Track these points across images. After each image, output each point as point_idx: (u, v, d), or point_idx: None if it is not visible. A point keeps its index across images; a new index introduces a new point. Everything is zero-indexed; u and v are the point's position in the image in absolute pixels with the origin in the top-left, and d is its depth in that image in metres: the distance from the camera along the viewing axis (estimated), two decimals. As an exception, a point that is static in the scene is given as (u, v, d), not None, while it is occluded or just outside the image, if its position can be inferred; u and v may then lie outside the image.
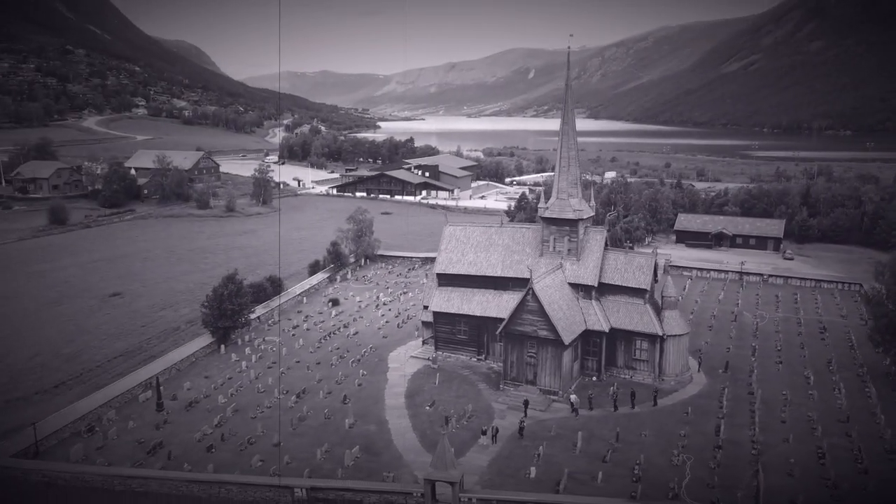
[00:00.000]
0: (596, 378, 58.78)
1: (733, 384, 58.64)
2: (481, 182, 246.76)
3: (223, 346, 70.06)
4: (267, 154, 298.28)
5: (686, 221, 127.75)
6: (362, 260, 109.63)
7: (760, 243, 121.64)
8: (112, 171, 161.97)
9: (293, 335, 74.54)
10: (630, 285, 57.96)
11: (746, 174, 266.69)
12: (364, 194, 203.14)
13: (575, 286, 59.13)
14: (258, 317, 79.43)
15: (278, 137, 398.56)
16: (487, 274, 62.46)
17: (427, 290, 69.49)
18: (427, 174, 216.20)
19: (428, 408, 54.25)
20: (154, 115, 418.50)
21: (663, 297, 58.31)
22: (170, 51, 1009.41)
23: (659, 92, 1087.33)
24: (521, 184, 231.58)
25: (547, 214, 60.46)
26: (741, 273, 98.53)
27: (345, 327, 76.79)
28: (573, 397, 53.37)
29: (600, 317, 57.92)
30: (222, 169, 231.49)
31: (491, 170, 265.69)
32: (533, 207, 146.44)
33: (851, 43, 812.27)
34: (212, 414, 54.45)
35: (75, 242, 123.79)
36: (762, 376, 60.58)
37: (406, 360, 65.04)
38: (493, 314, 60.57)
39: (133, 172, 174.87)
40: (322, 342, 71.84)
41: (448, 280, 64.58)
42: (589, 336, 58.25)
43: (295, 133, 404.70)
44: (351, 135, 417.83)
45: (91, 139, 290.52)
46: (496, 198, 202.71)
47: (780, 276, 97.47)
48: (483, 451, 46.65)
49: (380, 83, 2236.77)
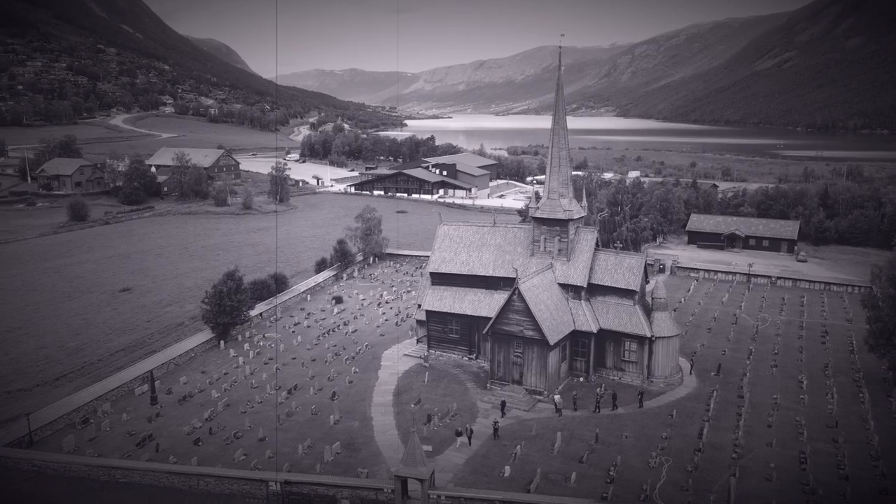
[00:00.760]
0: (583, 379, 58.77)
1: (724, 387, 58.23)
2: (501, 181, 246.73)
3: (223, 342, 71.30)
4: (288, 152, 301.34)
5: (698, 222, 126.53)
6: (370, 258, 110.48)
7: (774, 245, 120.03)
8: (132, 169, 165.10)
9: (293, 332, 75.56)
10: (619, 286, 57.83)
11: (774, 174, 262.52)
12: (382, 192, 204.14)
13: (565, 286, 59.17)
14: (260, 313, 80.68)
15: (302, 135, 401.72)
16: (479, 273, 62.76)
17: (421, 289, 70.02)
18: (444, 173, 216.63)
19: (413, 406, 54.77)
20: (181, 114, 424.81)
21: (653, 299, 58.11)
22: (200, 49, 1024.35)
23: (690, 90, 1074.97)
24: (542, 183, 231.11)
25: (537, 214, 60.57)
26: (749, 275, 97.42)
27: (344, 325, 77.62)
28: (557, 398, 53.48)
29: (589, 317, 57.91)
30: (243, 167, 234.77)
31: (512, 168, 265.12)
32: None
33: (890, 40, 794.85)
34: (203, 408, 55.62)
35: (93, 239, 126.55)
36: (754, 380, 60.06)
37: (399, 359, 65.58)
38: (484, 313, 60.84)
39: (153, 170, 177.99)
40: (320, 339, 72.78)
41: (441, 279, 65.02)
42: (578, 337, 58.27)
43: (319, 131, 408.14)
44: (375, 133, 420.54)
45: (117, 137, 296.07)
46: (515, 197, 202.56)
47: (789, 279, 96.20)
48: (460, 450, 47.01)
49: (408, 81, 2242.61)
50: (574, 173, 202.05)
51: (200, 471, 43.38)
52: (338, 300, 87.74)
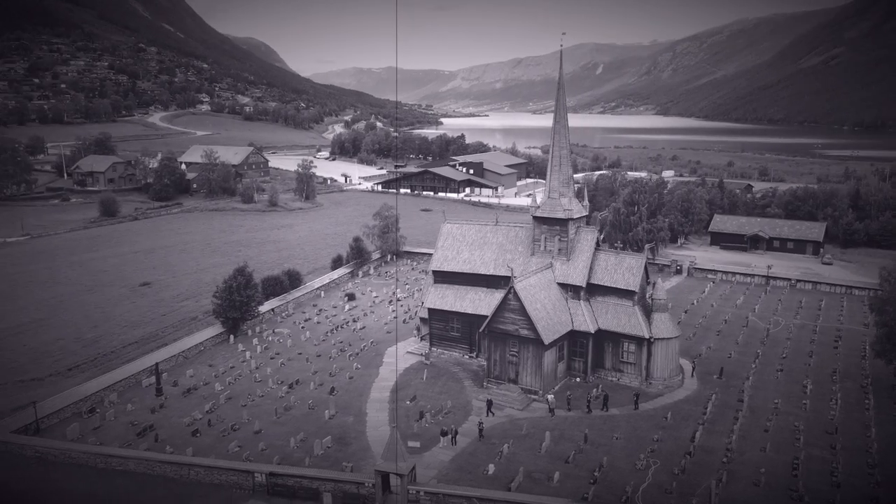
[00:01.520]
0: (580, 379, 58.62)
1: (724, 390, 57.53)
2: (530, 180, 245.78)
3: (232, 337, 72.73)
4: (319, 150, 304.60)
5: (721, 223, 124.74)
6: (388, 256, 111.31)
7: (799, 247, 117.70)
8: (163, 166, 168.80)
9: (302, 328, 76.65)
10: (619, 286, 57.52)
11: (814, 174, 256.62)
12: (408, 191, 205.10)
13: (564, 286, 59.06)
14: (272, 309, 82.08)
15: (335, 133, 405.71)
16: (480, 272, 63.00)
17: (425, 287, 70.47)
18: (471, 171, 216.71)
19: (408, 402, 55.28)
20: (216, 112, 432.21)
21: (653, 300, 57.66)
22: (239, 48, 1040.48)
23: (732, 87, 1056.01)
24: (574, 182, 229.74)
25: (537, 214, 60.59)
26: (767, 277, 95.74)
27: (353, 321, 78.44)
28: (550, 397, 53.48)
29: (587, 317, 57.73)
30: (274, 164, 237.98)
31: (542, 167, 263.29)
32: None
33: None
34: (206, 401, 56.86)
35: (121, 234, 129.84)
36: (757, 384, 59.20)
37: (402, 356, 66.06)
38: (484, 312, 60.98)
39: (183, 167, 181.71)
40: (328, 335, 73.71)
41: (443, 277, 65.43)
42: (576, 337, 58.16)
43: (352, 128, 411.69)
44: (408, 131, 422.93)
45: (153, 134, 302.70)
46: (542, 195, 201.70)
47: (809, 282, 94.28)
48: (448, 448, 47.36)
49: (445, 79, 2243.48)
50: (599, 173, 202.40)
51: (191, 461, 44.52)
52: (350, 297, 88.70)
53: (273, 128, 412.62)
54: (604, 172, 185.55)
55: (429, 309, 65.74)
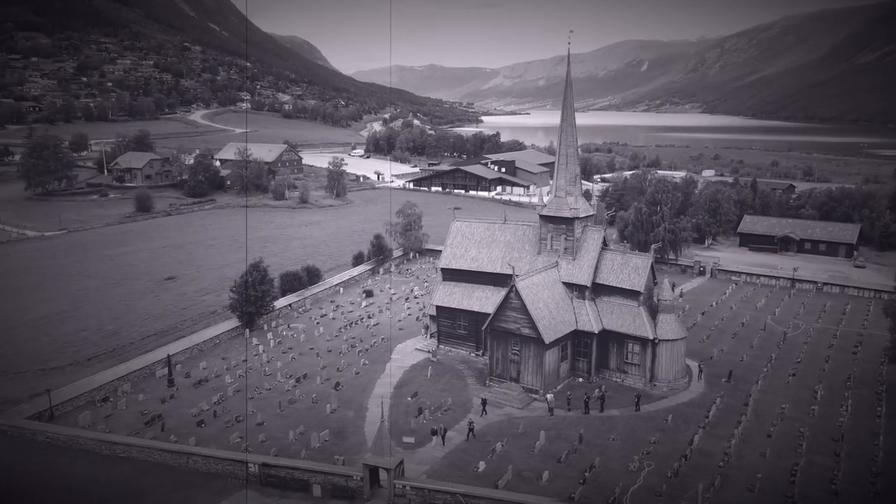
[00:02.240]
0: (583, 379, 58.34)
1: (731, 394, 56.64)
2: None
3: (248, 331, 74.18)
4: (354, 147, 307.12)
5: (751, 224, 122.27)
6: (410, 253, 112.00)
7: (831, 249, 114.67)
8: (197, 163, 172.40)
9: (317, 323, 77.74)
10: (624, 286, 57.07)
11: (863, 174, 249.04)
12: (440, 189, 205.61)
13: (569, 285, 58.82)
14: (290, 304, 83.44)
15: (370, 131, 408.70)
16: (487, 270, 63.12)
17: (434, 285, 70.88)
18: (503, 169, 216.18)
19: (409, 399, 55.76)
20: (256, 109, 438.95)
21: (659, 301, 57.05)
22: (283, 46, 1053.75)
23: (782, 85, 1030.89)
24: (607, 181, 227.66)
25: (543, 212, 60.46)
26: (793, 280, 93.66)
27: (368, 318, 79.21)
28: (549, 396, 53.41)
29: (592, 317, 57.42)
30: (309, 162, 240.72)
31: (580, 166, 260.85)
32: (601, 206, 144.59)
33: None
34: (215, 392, 58.19)
35: (154, 229, 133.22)
36: (767, 388, 58.15)
37: (410, 353, 66.73)
38: (490, 310, 60.65)
39: (218, 164, 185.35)
40: (341, 331, 74.61)
41: (451, 275, 65.76)
42: (580, 337, 57.89)
43: (389, 126, 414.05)
44: (447, 129, 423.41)
45: (193, 132, 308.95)
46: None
47: (836, 285, 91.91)
48: (442, 445, 47.65)
49: (487, 77, 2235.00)
50: (627, 173, 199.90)
51: (189, 450, 45.76)
52: (368, 293, 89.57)
53: (311, 125, 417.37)
54: (635, 172, 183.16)
55: (437, 306, 66.16)
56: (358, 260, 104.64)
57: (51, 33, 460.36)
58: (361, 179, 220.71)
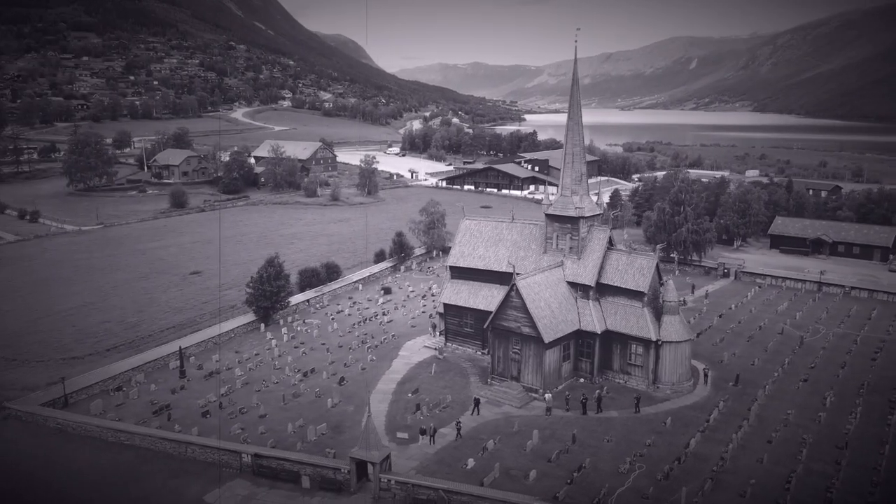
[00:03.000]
0: (584, 380, 58.04)
1: (737, 398, 55.68)
2: (601, 178, 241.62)
3: (263, 325, 75.72)
4: (390, 145, 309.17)
5: (782, 225, 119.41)
6: (433, 251, 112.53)
7: (865, 252, 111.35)
8: (232, 160, 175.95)
9: (332, 319, 78.78)
10: (629, 287, 56.58)
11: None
12: (472, 187, 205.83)
13: (574, 285, 58.57)
14: (307, 300, 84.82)
15: (411, 129, 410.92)
16: (494, 269, 63.21)
17: (443, 283, 71.28)
18: (536, 168, 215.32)
19: (410, 395, 56.28)
20: (297, 108, 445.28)
21: (663, 302, 56.41)
22: (327, 45, 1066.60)
23: (839, 83, 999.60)
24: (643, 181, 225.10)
25: (549, 211, 60.32)
26: (819, 283, 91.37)
27: (383, 315, 79.97)
28: (548, 396, 53.34)
29: (595, 317, 57.08)
30: (345, 160, 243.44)
31: (617, 165, 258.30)
32: (628, 206, 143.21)
33: None
34: (224, 384, 59.61)
35: (186, 225, 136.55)
36: (775, 393, 57.01)
37: (418, 350, 67.23)
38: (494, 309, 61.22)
39: (253, 161, 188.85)
40: (354, 327, 75.52)
41: (459, 273, 66.08)
42: (583, 337, 57.63)
43: (429, 124, 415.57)
44: (489, 128, 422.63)
45: (233, 130, 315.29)
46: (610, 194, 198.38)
47: (864, 289, 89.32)
48: (437, 438, 48.03)
49: (531, 74, 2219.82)
50: (660, 173, 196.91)
51: (187, 439, 47.13)
52: (386, 291, 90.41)
53: (350, 123, 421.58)
54: (667, 171, 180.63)
55: (444, 304, 66.58)
56: (379, 257, 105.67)
57: (102, 33, 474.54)
58: (395, 177, 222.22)
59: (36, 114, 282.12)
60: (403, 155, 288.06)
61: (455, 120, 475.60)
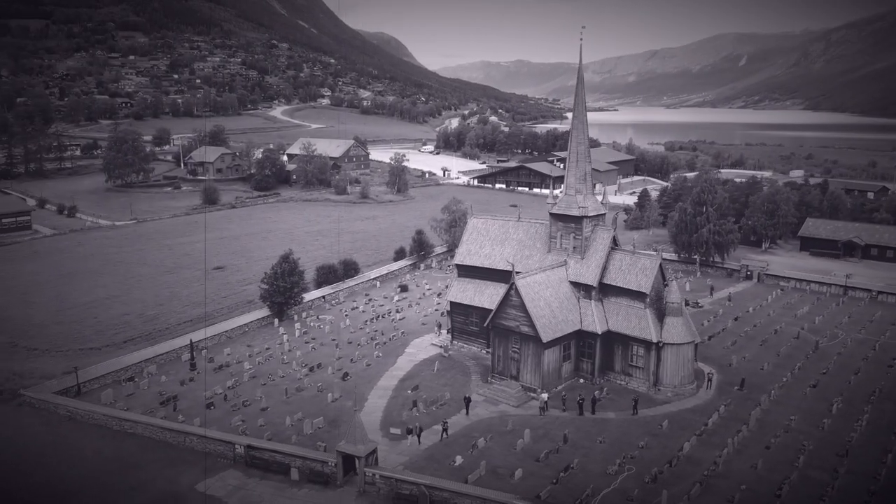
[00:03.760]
0: (584, 381, 57.78)
1: (740, 403, 54.83)
2: (637, 177, 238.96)
3: (277, 320, 77.06)
4: (425, 143, 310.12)
5: (813, 227, 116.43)
6: (454, 250, 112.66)
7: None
8: (265, 158, 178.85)
9: (346, 315, 79.81)
10: (631, 287, 56.11)
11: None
12: (503, 186, 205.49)
13: (577, 285, 58.33)
14: (323, 296, 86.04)
15: (450, 127, 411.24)
16: (500, 268, 63.17)
17: (451, 281, 71.57)
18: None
19: (410, 391, 56.79)
20: (336, 105, 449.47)
21: (666, 303, 55.80)
22: (369, 43, 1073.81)
23: (895, 80, 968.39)
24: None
25: (553, 210, 60.18)
26: (845, 287, 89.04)
27: (396, 312, 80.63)
28: (544, 396, 53.29)
29: (596, 318, 56.77)
30: (379, 158, 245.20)
31: (655, 164, 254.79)
32: (654, 206, 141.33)
33: None
34: (231, 377, 61.01)
35: (216, 221, 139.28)
36: (781, 398, 55.97)
37: (425, 347, 67.71)
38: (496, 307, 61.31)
39: (285, 158, 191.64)
40: (366, 324, 76.34)
41: (466, 271, 66.34)
42: (584, 337, 57.39)
43: (467, 122, 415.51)
44: (529, 126, 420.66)
45: (271, 127, 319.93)
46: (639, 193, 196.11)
47: (893, 294, 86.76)
48: (426, 437, 48.41)
49: (575, 72, 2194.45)
50: (694, 173, 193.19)
51: (186, 429, 48.48)
52: (403, 288, 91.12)
53: (388, 121, 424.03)
54: (698, 171, 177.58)
55: (451, 302, 66.95)
56: (399, 255, 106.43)
57: (148, 32, 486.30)
58: (427, 176, 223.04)
59: (81, 111, 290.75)
60: (437, 153, 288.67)
61: (493, 118, 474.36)
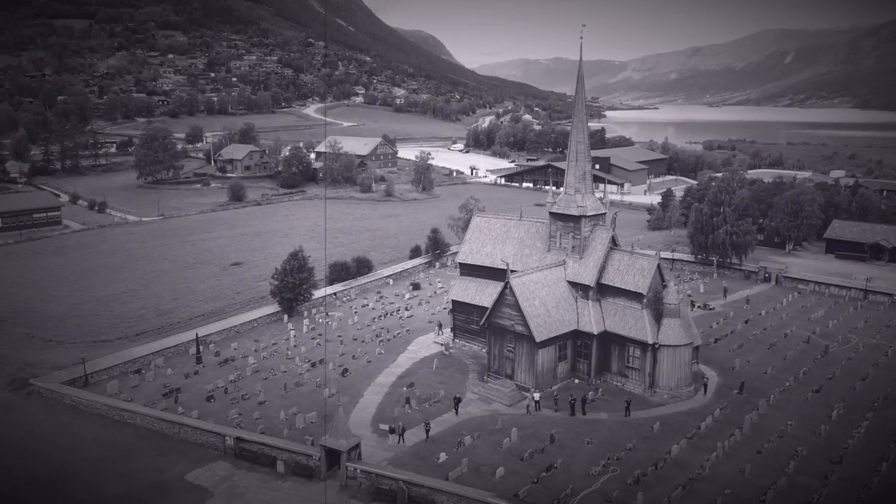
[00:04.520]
0: (579, 381, 57.55)
1: (737, 407, 54.02)
2: (669, 176, 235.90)
3: (286, 316, 78.29)
4: (454, 141, 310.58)
5: (839, 229, 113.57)
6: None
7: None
8: (291, 155, 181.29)
9: (355, 312, 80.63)
10: (628, 288, 55.71)
11: None
12: (531, 185, 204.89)
13: (575, 285, 58.12)
14: (335, 293, 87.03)
15: (482, 125, 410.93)
16: (500, 266, 63.15)
17: (454, 280, 71.83)
18: (597, 166, 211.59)
19: (405, 388, 57.26)
20: (369, 104, 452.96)
21: (664, 305, 55.29)
22: (407, 41, 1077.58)
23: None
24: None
25: (553, 209, 60.09)
26: (865, 291, 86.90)
27: (405, 310, 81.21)
28: (536, 395, 53.31)
29: (593, 318, 56.51)
30: (408, 156, 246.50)
31: (689, 164, 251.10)
32: (676, 206, 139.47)
33: None
34: (235, 371, 62.24)
35: (241, 217, 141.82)
36: (780, 403, 55.00)
37: (427, 345, 68.09)
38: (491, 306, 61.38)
39: (312, 156, 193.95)
40: (373, 321, 77.01)
41: (468, 270, 66.58)
42: (581, 337, 57.17)
43: (500, 121, 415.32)
44: (557, 124, 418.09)
45: (303, 125, 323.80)
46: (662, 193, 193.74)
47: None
48: (414, 435, 48.80)
49: (615, 70, 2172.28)
50: (715, 175, 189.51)
51: (181, 420, 49.74)
52: (415, 286, 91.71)
53: (420, 119, 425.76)
54: (724, 171, 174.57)
55: (453, 301, 67.26)
56: (415, 253, 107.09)
57: (188, 31, 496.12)
58: (454, 174, 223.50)
59: (119, 109, 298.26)
60: (467, 151, 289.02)
61: (526, 116, 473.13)
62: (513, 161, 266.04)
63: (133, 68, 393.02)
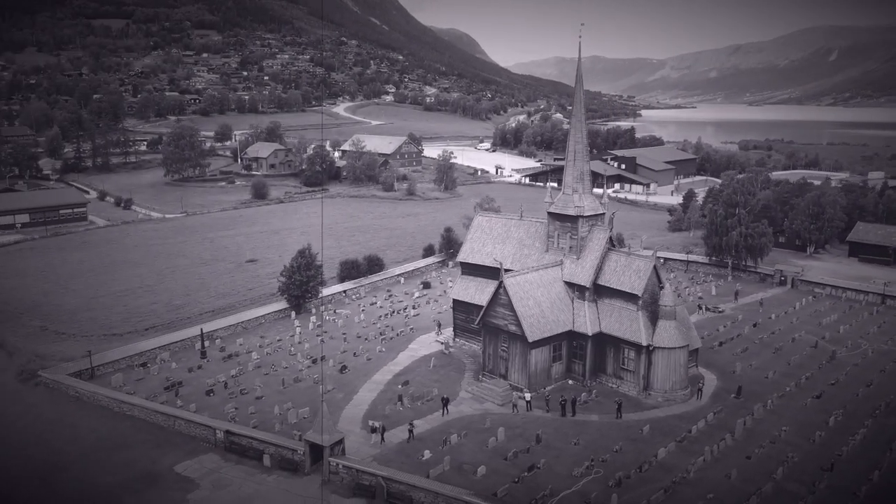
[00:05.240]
0: (573, 382, 57.40)
1: (732, 411, 53.39)
2: (699, 177, 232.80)
3: (294, 313, 79.36)
4: (482, 140, 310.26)
5: (863, 232, 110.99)
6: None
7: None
8: (315, 154, 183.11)
9: (363, 310, 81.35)
10: (624, 289, 55.41)
11: None
12: (555, 185, 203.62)
13: (571, 285, 57.98)
14: (344, 291, 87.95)
15: (512, 125, 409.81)
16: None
17: (454, 279, 72.04)
18: (623, 166, 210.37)
19: (400, 386, 57.74)
20: (399, 102, 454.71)
21: (659, 306, 54.87)
22: (441, 39, 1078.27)
23: None
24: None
25: (551, 209, 59.99)
26: (883, 295, 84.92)
27: (412, 308, 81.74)
28: (527, 395, 53.36)
29: (588, 319, 56.33)
30: (433, 155, 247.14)
31: (721, 164, 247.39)
32: (696, 207, 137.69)
33: None
34: (237, 367, 63.37)
35: (262, 215, 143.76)
36: (777, 408, 54.23)
37: (428, 344, 68.49)
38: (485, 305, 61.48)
39: (336, 155, 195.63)
40: (379, 319, 77.59)
41: (469, 269, 66.83)
42: (576, 338, 57.04)
43: (531, 120, 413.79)
44: (600, 124, 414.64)
45: (332, 123, 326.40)
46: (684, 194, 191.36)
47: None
48: (403, 432, 49.25)
49: (652, 68, 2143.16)
50: (740, 175, 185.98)
51: (176, 413, 50.93)
52: (426, 285, 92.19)
53: (450, 118, 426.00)
54: (747, 172, 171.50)
55: (454, 300, 67.55)
56: (428, 252, 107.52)
57: (222, 31, 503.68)
58: (479, 173, 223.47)
59: (151, 108, 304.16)
60: (494, 150, 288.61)
61: (557, 115, 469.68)
62: (539, 160, 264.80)
63: (168, 67, 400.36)
